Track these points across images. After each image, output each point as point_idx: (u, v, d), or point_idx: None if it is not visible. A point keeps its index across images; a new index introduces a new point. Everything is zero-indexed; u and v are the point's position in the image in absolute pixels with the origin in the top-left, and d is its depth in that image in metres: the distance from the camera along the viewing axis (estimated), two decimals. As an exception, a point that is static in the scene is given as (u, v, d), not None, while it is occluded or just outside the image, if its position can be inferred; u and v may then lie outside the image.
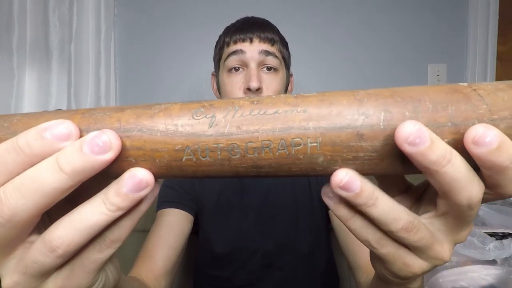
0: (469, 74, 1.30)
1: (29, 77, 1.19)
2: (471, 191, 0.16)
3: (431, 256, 0.20)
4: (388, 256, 0.20)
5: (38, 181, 0.15)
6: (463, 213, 0.18)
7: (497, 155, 0.15)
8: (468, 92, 0.17)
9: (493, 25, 1.28)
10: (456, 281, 0.68)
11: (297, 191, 0.72)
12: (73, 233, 0.16)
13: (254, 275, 0.67)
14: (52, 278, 0.18)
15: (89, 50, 1.19)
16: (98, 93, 1.21)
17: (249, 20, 0.66)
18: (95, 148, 0.15)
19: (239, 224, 0.69)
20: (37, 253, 0.16)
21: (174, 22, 1.27)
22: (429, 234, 0.19)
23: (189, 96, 1.28)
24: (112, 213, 0.16)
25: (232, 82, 0.61)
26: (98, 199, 0.17)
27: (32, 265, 0.17)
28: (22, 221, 0.16)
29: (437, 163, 0.15)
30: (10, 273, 0.17)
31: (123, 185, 0.16)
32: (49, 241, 0.16)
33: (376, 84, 1.30)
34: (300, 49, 1.27)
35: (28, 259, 0.17)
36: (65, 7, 1.18)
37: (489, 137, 0.15)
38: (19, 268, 0.17)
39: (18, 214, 0.15)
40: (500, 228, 0.74)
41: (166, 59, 1.28)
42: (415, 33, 1.29)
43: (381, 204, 0.18)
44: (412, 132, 0.15)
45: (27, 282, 0.17)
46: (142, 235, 0.98)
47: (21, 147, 0.15)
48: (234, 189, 0.71)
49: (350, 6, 1.28)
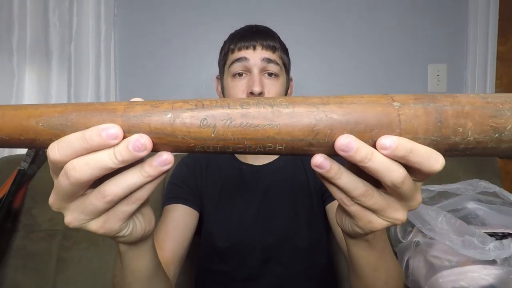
0: (469, 74, 1.30)
1: (29, 77, 1.19)
2: (391, 176, 0.25)
3: (388, 217, 0.28)
4: (355, 213, 0.29)
5: (100, 161, 0.24)
6: (396, 190, 0.26)
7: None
8: (393, 117, 0.25)
9: (493, 25, 1.28)
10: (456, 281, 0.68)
11: (296, 188, 0.74)
12: (118, 188, 0.25)
13: (254, 270, 0.70)
14: (95, 219, 0.28)
15: (89, 50, 1.19)
16: (98, 93, 1.21)
17: (252, 29, 0.70)
18: (136, 148, 0.24)
19: (240, 219, 0.71)
20: (93, 199, 0.26)
21: (174, 22, 1.28)
22: (382, 200, 0.28)
23: (189, 96, 1.28)
24: (145, 178, 0.26)
25: (236, 86, 0.66)
26: (137, 169, 0.26)
27: (88, 206, 0.26)
28: (85, 182, 0.25)
29: (362, 161, 0.24)
30: (71, 212, 0.27)
31: (155, 160, 0.25)
32: (103, 191, 0.26)
33: (376, 84, 1.30)
34: (300, 49, 1.27)
35: (87, 202, 0.26)
36: (65, 7, 1.18)
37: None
38: (78, 209, 0.27)
39: (83, 178, 0.24)
40: (500, 228, 0.74)
41: (166, 59, 1.28)
42: (415, 33, 1.29)
43: (344, 177, 0.26)
44: (343, 144, 0.24)
45: (81, 218, 0.27)
46: (142, 235, 0.98)
47: (87, 138, 0.24)
48: (235, 185, 0.73)
49: (350, 7, 1.29)
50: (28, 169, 1.01)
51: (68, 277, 0.93)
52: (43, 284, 0.93)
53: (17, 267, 0.94)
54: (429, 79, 1.30)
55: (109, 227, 0.28)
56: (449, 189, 0.86)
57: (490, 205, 0.83)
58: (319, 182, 0.73)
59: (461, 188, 0.85)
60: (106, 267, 0.94)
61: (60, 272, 0.93)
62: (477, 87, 1.29)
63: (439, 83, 1.30)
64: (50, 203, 0.28)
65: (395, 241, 0.91)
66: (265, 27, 0.72)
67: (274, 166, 0.75)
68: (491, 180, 0.87)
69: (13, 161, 1.04)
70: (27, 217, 0.99)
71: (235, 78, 0.67)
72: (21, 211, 0.99)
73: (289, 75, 0.75)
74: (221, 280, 0.72)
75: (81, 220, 0.27)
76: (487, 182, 0.83)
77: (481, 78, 1.29)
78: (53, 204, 0.27)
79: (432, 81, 1.30)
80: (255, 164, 0.75)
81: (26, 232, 0.98)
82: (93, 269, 0.93)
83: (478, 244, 0.66)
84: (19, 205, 0.99)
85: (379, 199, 0.27)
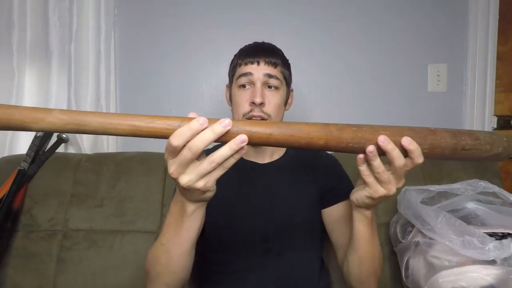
0: (469, 74, 1.30)
1: (29, 77, 1.19)
2: (399, 161, 0.45)
3: (387, 188, 0.48)
4: (371, 183, 0.48)
5: (206, 137, 0.39)
6: (397, 171, 0.46)
7: None
8: None
9: (493, 25, 1.28)
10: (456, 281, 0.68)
11: (297, 185, 0.80)
12: (219, 158, 0.40)
13: (255, 260, 0.74)
14: (202, 179, 0.42)
15: (89, 50, 1.19)
16: (98, 93, 1.21)
17: (258, 46, 0.80)
18: (225, 125, 0.39)
19: (242, 211, 0.76)
20: (206, 164, 0.40)
21: (173, 22, 1.27)
22: (388, 176, 0.47)
23: (188, 96, 1.28)
24: (231, 151, 0.40)
25: (241, 96, 0.76)
26: (227, 145, 0.40)
27: (200, 170, 0.41)
28: (198, 152, 0.39)
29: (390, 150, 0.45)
30: (187, 176, 0.41)
31: (238, 138, 0.39)
32: (211, 158, 0.40)
33: (377, 83, 1.30)
34: (300, 49, 1.27)
35: (200, 167, 0.41)
36: (65, 7, 1.18)
37: None
38: (193, 172, 0.41)
39: (199, 150, 0.39)
40: (500, 228, 0.74)
41: (166, 59, 1.28)
42: (415, 33, 1.29)
43: (376, 161, 0.45)
44: (383, 140, 0.44)
45: (194, 180, 0.41)
46: (142, 236, 0.98)
47: (191, 127, 0.39)
48: (238, 180, 0.78)
49: (350, 7, 1.29)
50: (28, 169, 1.01)
51: (68, 277, 0.93)
52: (43, 284, 0.93)
53: (17, 267, 0.94)
54: (429, 79, 1.30)
55: (209, 184, 0.42)
56: (449, 189, 0.86)
57: (490, 205, 0.84)
58: (320, 184, 0.81)
59: (461, 188, 0.85)
60: (106, 267, 0.94)
61: (60, 272, 0.93)
62: (477, 87, 1.30)
63: (439, 83, 1.30)
64: (171, 171, 0.41)
65: (395, 241, 0.91)
66: (270, 45, 0.82)
67: (275, 165, 0.81)
68: (491, 180, 0.87)
69: (13, 161, 1.04)
70: (27, 217, 0.99)
71: (240, 89, 0.77)
72: (21, 211, 0.99)
73: (290, 86, 0.83)
74: (223, 270, 0.76)
75: (193, 180, 0.41)
76: (487, 182, 0.83)
77: (481, 78, 1.29)
78: (174, 171, 0.41)
79: (432, 81, 1.30)
80: (258, 162, 0.81)
81: (26, 232, 0.98)
82: (93, 269, 0.94)
83: (477, 244, 0.66)
84: (19, 205, 0.99)
85: (387, 175, 0.47)
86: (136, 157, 1.08)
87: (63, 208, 0.99)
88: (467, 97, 1.31)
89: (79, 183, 1.02)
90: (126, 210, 1.00)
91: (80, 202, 1.00)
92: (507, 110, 1.33)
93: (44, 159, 1.06)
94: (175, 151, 0.40)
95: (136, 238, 0.98)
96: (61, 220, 0.98)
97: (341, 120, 0.48)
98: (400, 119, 1.30)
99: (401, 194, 0.89)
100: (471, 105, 1.31)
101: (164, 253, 0.55)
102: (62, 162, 1.07)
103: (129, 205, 1.00)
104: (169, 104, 1.28)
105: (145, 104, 1.28)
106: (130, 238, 0.97)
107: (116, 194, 1.01)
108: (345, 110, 1.29)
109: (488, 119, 1.31)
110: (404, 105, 1.30)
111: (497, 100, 1.32)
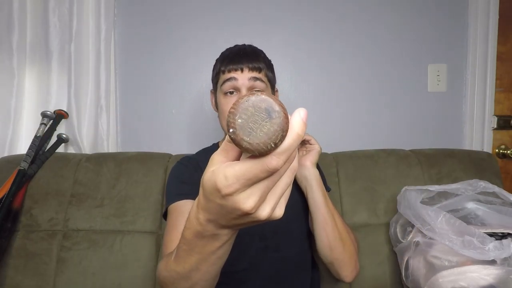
0: (469, 74, 1.30)
1: (29, 77, 1.19)
2: None
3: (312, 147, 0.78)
4: (315, 142, 0.78)
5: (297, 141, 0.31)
6: None
7: None
8: None
9: (493, 25, 1.28)
10: (456, 281, 0.68)
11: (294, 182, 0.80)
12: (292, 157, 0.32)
13: (254, 258, 0.75)
14: (282, 200, 0.32)
15: (89, 50, 1.19)
16: (98, 93, 1.21)
17: (240, 52, 0.80)
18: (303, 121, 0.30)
19: None
20: (286, 178, 0.31)
21: (174, 22, 1.28)
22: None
23: (188, 96, 1.28)
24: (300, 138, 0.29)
25: (228, 103, 0.76)
26: (294, 133, 0.30)
27: (279, 191, 0.30)
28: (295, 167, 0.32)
29: None
30: (268, 204, 0.30)
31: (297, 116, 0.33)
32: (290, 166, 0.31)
33: (377, 83, 1.30)
34: (299, 48, 1.27)
35: (279, 186, 0.30)
36: (65, 7, 1.18)
37: None
38: (274, 197, 0.31)
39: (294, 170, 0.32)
40: (500, 228, 0.74)
41: (166, 59, 1.28)
42: (415, 33, 1.29)
43: None
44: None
45: (274, 206, 0.31)
46: (142, 236, 0.98)
47: (299, 133, 0.30)
48: None
49: (350, 7, 1.28)
50: (28, 169, 1.01)
51: (68, 277, 0.93)
52: (43, 284, 0.93)
53: (17, 267, 0.94)
54: (429, 79, 1.30)
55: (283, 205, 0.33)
56: (449, 189, 0.86)
57: (490, 205, 0.83)
58: None
59: (461, 188, 0.85)
60: (106, 267, 0.94)
61: (60, 272, 0.94)
62: (477, 87, 1.30)
63: (439, 83, 1.30)
64: (251, 206, 0.28)
65: (395, 241, 0.91)
66: (252, 48, 0.82)
67: None
68: (491, 180, 0.87)
69: (13, 161, 1.04)
70: (27, 217, 0.99)
71: (226, 96, 0.78)
72: (21, 211, 0.99)
73: (275, 87, 0.86)
74: (223, 270, 0.74)
75: (273, 207, 0.31)
76: (487, 182, 0.83)
77: (481, 78, 1.29)
78: (256, 204, 0.29)
79: (432, 81, 1.30)
80: None
81: (26, 232, 0.98)
82: (93, 269, 0.94)
83: (477, 244, 0.66)
84: (19, 205, 0.99)
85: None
86: (136, 157, 1.08)
87: (63, 208, 0.99)
88: (467, 97, 1.31)
89: (79, 183, 1.02)
90: (126, 210, 1.00)
91: (80, 202, 1.00)
92: (507, 110, 1.33)
93: (44, 159, 1.06)
94: (269, 174, 0.27)
95: (136, 238, 0.98)
96: (61, 220, 0.98)
97: (341, 120, 0.47)
98: (400, 119, 1.30)
99: (401, 194, 0.89)
100: (471, 105, 1.31)
101: (184, 280, 0.46)
102: (62, 162, 1.07)
103: (129, 205, 1.00)
104: (169, 104, 1.29)
105: (145, 104, 1.29)
106: (130, 238, 0.97)
107: (116, 194, 1.01)
108: (345, 110, 1.29)
109: (488, 119, 1.31)
110: (404, 105, 1.30)
111: (497, 100, 1.32)
